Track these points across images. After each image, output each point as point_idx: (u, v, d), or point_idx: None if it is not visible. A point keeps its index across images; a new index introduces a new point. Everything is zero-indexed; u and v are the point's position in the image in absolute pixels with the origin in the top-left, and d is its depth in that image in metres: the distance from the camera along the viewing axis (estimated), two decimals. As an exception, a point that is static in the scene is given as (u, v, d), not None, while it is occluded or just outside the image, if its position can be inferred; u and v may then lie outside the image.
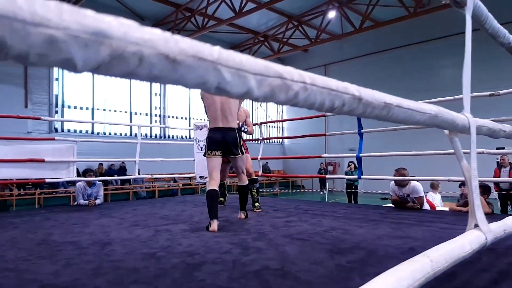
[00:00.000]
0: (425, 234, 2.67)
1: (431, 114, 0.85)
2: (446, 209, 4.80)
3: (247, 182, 3.59)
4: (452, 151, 3.67)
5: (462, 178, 3.85)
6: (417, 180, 4.15)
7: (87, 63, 0.34)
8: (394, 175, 4.13)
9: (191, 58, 0.39)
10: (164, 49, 0.38)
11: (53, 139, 5.14)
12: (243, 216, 3.54)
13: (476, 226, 1.15)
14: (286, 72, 0.50)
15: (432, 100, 3.92)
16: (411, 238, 2.53)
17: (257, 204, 4.29)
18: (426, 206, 4.38)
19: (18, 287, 1.67)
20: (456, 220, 3.33)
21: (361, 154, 4.24)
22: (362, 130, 4.34)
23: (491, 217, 3.43)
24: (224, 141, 3.27)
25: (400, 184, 4.11)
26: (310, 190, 16.58)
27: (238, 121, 3.70)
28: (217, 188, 3.20)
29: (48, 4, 0.32)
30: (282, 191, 16.40)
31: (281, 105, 20.61)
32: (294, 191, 16.67)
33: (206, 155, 3.33)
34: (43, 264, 2.04)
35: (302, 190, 17.28)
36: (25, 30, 0.29)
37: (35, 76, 12.03)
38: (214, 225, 2.96)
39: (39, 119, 5.40)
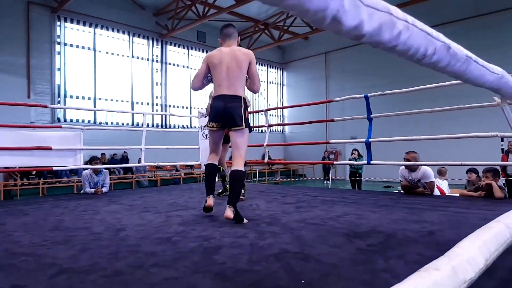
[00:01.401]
0: (441, 218, 2.66)
1: (498, 75, 0.83)
2: (456, 194, 4.78)
3: (243, 168, 2.84)
4: (462, 135, 3.61)
5: (474, 162, 3.82)
6: (427, 165, 4.12)
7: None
8: (404, 159, 4.10)
9: None
10: None
11: (60, 127, 5.11)
12: (230, 214, 2.63)
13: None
14: (393, 8, 0.49)
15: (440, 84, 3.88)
16: (427, 222, 2.52)
17: (242, 190, 3.65)
18: (436, 192, 4.36)
19: (38, 271, 1.65)
20: (469, 205, 3.31)
21: (370, 140, 4.20)
22: (371, 115, 4.30)
23: (505, 202, 3.43)
24: (225, 110, 2.85)
25: (410, 168, 4.07)
26: (311, 179, 16.60)
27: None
28: (215, 162, 3.03)
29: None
30: (284, 179, 16.43)
31: (282, 93, 20.54)
32: (295, 179, 16.69)
33: (207, 126, 3.03)
34: (60, 249, 2.02)
35: (303, 179, 17.31)
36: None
37: (38, 66, 11.94)
38: (210, 200, 2.90)
39: (46, 106, 5.37)
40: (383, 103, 9.03)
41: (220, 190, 4.50)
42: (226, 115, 2.86)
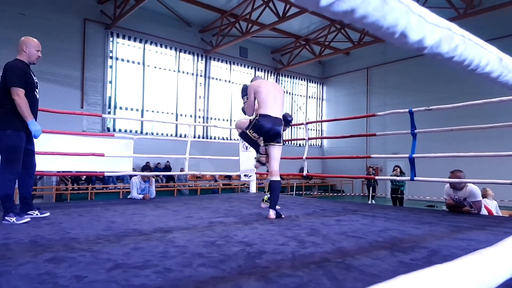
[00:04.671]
0: (489, 237, 2.56)
1: None
2: (506, 215, 4.54)
3: (279, 178, 3.54)
4: (509, 153, 3.46)
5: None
6: (474, 183, 3.97)
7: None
8: (449, 178, 3.98)
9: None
10: None
11: (113, 135, 5.46)
12: (273, 216, 3.33)
13: None
14: (452, 25, 0.59)
15: (490, 100, 3.76)
16: (474, 241, 2.44)
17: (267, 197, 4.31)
18: (484, 212, 4.17)
19: (96, 264, 1.80)
20: (520, 225, 3.15)
21: (414, 155, 4.12)
22: (416, 130, 4.22)
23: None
24: (273, 129, 3.45)
25: (455, 187, 3.95)
26: (350, 194, 16.26)
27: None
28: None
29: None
30: (321, 194, 16.22)
31: (321, 108, 20.45)
32: (333, 194, 16.43)
33: (247, 130, 3.54)
34: (113, 247, 2.18)
35: (342, 194, 16.99)
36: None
37: (91, 79, 12.82)
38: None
39: (100, 116, 5.77)
40: (427, 120, 8.76)
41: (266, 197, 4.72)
42: (272, 133, 3.47)
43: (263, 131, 3.47)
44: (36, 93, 3.25)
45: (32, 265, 1.77)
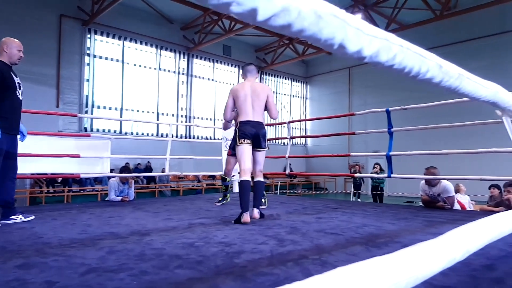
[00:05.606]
0: (462, 232, 2.62)
1: (493, 90, 0.90)
2: (477, 210, 4.68)
3: (263, 179, 3.57)
4: (483, 150, 3.59)
5: (494, 177, 3.75)
6: (447, 180, 4.08)
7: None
8: (424, 174, 4.07)
9: (330, 15, 0.47)
10: (314, 6, 0.48)
11: (89, 136, 5.34)
12: (257, 215, 3.32)
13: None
14: (389, 35, 0.61)
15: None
16: (447, 235, 2.50)
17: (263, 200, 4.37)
18: (457, 206, 4.30)
19: (69, 269, 1.76)
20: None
21: (390, 153, 4.19)
22: (392, 129, 4.30)
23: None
24: (256, 134, 3.40)
25: (430, 183, 4.05)
26: (333, 192, 16.44)
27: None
28: (249, 179, 3.32)
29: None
30: (305, 192, 16.34)
31: (305, 107, 20.60)
32: (317, 192, 16.58)
33: (238, 144, 3.41)
34: (88, 251, 2.13)
35: (325, 192, 17.17)
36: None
37: (67, 77, 12.49)
38: (247, 216, 3.09)
39: (76, 116, 5.63)
40: (407, 118, 8.92)
41: (220, 198, 4.76)
42: (257, 138, 3.41)
43: (252, 136, 3.41)
44: (18, 94, 3.17)
45: (0, 272, 1.71)
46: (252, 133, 3.39)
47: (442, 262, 0.68)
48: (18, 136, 3.29)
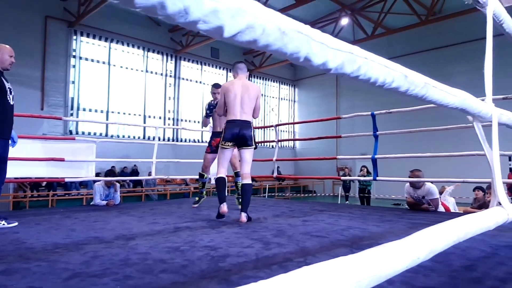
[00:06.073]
0: (444, 233, 2.68)
1: (461, 98, 0.93)
2: (461, 211, 4.78)
3: (251, 181, 3.50)
4: (465, 153, 3.66)
5: (477, 180, 3.84)
6: (432, 182, 4.16)
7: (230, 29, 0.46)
8: (409, 177, 4.14)
9: (294, 31, 0.49)
10: (279, 23, 0.50)
11: (74, 139, 5.27)
12: (245, 219, 3.29)
13: (499, 204, 1.22)
14: (354, 48, 0.64)
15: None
16: (430, 237, 2.55)
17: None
18: (441, 208, 4.37)
19: (52, 274, 1.74)
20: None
21: (376, 156, 4.25)
22: (377, 132, 4.36)
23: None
24: (241, 133, 3.44)
25: (415, 186, 4.12)
26: (321, 195, 16.54)
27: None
28: (225, 176, 3.53)
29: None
30: (293, 195, 16.39)
31: (293, 109, 20.71)
32: (305, 195, 16.65)
33: (221, 145, 3.49)
34: (72, 256, 2.11)
35: (313, 195, 17.25)
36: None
37: (52, 79, 12.29)
38: (224, 207, 3.29)
39: (61, 119, 5.56)
40: (393, 121, 9.04)
41: (197, 198, 4.83)
42: (241, 137, 3.44)
43: (233, 137, 3.44)
44: (9, 99, 3.17)
45: (-19, 278, 1.68)
46: (236, 133, 3.42)
47: (406, 262, 0.72)
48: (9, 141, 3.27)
